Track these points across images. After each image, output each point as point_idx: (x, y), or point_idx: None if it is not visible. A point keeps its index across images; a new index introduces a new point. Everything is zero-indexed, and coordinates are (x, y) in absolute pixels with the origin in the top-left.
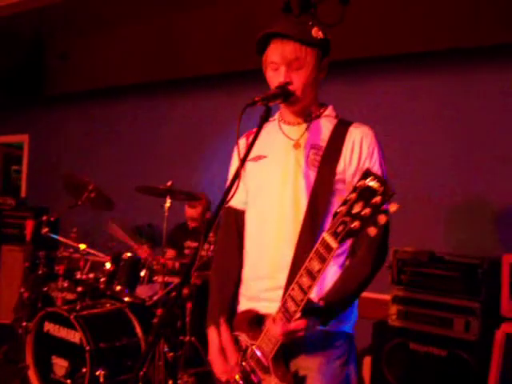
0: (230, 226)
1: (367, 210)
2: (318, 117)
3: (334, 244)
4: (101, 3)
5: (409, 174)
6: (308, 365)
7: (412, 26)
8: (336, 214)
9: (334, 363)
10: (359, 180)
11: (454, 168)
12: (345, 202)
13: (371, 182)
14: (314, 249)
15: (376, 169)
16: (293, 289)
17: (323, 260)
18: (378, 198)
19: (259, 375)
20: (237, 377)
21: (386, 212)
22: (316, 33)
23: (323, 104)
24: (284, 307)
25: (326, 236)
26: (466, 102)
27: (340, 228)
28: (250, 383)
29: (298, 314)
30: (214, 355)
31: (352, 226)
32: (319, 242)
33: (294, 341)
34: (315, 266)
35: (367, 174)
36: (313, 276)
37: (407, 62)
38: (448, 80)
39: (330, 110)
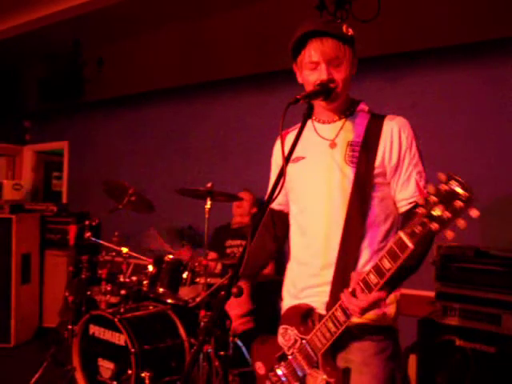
0: (266, 221)
1: (448, 214)
2: (352, 113)
3: (410, 244)
4: (134, 9)
5: (447, 168)
6: (353, 358)
7: (447, 19)
8: (414, 214)
9: (379, 356)
10: (442, 183)
11: (493, 161)
12: (425, 204)
13: (456, 187)
14: (388, 247)
15: (416, 160)
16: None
17: (396, 259)
18: (461, 203)
19: (305, 369)
20: (278, 370)
21: (466, 217)
22: (347, 30)
23: (354, 100)
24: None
25: (402, 235)
26: (506, 94)
27: (418, 228)
28: (294, 377)
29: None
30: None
31: (431, 227)
32: (394, 240)
33: (343, 334)
34: (386, 264)
35: (450, 177)
36: (382, 274)
37: (444, 56)
38: (488, 72)
39: (362, 106)
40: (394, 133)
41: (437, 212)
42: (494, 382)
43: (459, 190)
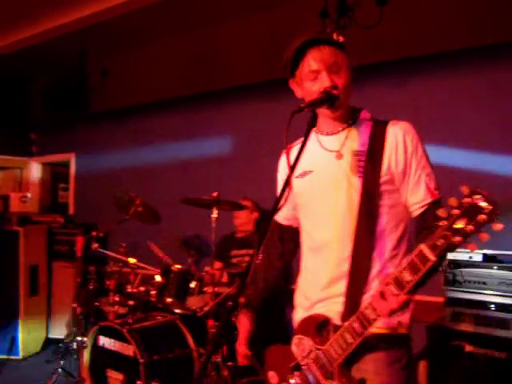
0: (273, 237)
1: (471, 227)
2: (355, 121)
3: (431, 257)
4: (140, 18)
5: (451, 172)
6: (368, 368)
7: (451, 24)
8: (436, 227)
9: (393, 366)
10: (466, 196)
11: (497, 167)
12: (447, 217)
13: (480, 201)
14: (409, 259)
15: (424, 162)
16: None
17: (416, 271)
18: (484, 217)
19: (320, 380)
20: (291, 380)
21: (488, 230)
22: (337, 37)
23: (356, 108)
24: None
25: (423, 248)
26: (511, 98)
27: (440, 241)
28: None
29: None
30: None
31: (453, 240)
32: (415, 253)
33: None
34: (406, 276)
35: (474, 191)
36: (402, 286)
37: (447, 61)
38: (493, 77)
39: (364, 113)
40: (399, 138)
41: (459, 225)
42: None
43: (482, 203)
